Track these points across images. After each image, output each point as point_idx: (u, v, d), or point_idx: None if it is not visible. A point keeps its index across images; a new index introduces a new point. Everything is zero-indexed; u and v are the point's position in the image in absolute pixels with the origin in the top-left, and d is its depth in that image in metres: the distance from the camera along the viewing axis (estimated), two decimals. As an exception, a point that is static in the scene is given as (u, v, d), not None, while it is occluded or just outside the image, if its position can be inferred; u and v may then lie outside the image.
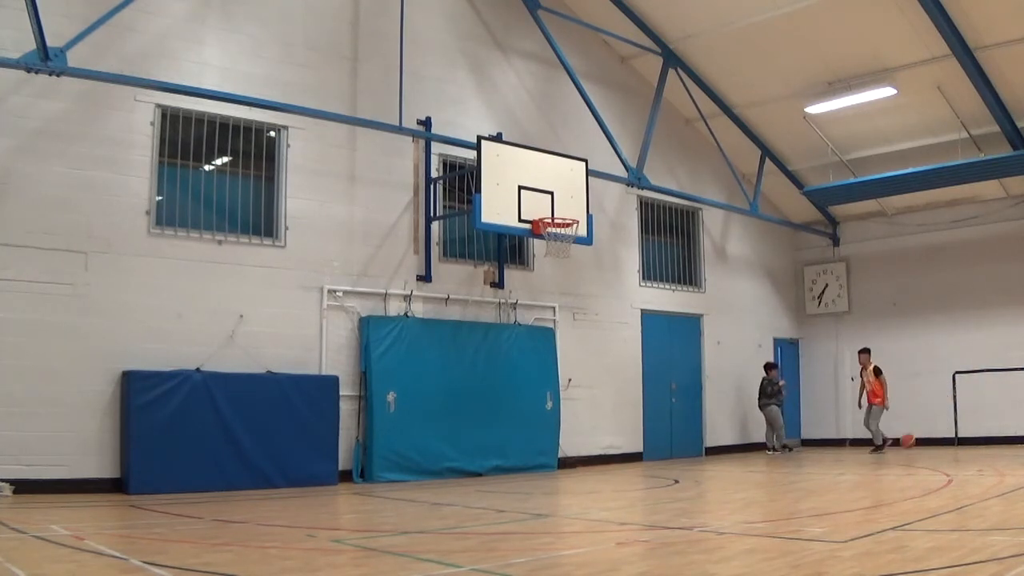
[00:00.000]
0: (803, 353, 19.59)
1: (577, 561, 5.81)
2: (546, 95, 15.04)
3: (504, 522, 7.77)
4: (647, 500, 10.24)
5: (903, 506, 8.14)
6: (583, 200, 12.66)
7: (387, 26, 12.74)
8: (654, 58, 15.63)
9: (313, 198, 12.03)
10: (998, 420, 16.07)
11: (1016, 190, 16.66)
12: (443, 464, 12.46)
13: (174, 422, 10.14)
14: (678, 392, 16.64)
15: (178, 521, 7.85)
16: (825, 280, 19.26)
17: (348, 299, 12.21)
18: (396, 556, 5.95)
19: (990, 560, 5.05)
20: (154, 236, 10.66)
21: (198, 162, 11.30)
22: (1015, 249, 16.65)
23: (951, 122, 15.25)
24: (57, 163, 10.01)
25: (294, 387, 11.22)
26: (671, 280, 17.02)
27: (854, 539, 6.09)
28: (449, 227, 13.64)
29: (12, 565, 5.26)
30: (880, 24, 13.91)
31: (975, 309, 16.75)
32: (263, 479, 10.71)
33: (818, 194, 17.46)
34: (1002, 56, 13.80)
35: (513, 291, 14.05)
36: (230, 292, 11.11)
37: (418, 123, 13.05)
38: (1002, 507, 7.77)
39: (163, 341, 10.48)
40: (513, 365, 13.53)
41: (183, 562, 5.54)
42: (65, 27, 9.49)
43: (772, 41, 14.86)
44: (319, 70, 12.25)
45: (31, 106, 9.86)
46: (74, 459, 9.78)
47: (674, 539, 6.65)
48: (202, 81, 10.89)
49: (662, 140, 15.97)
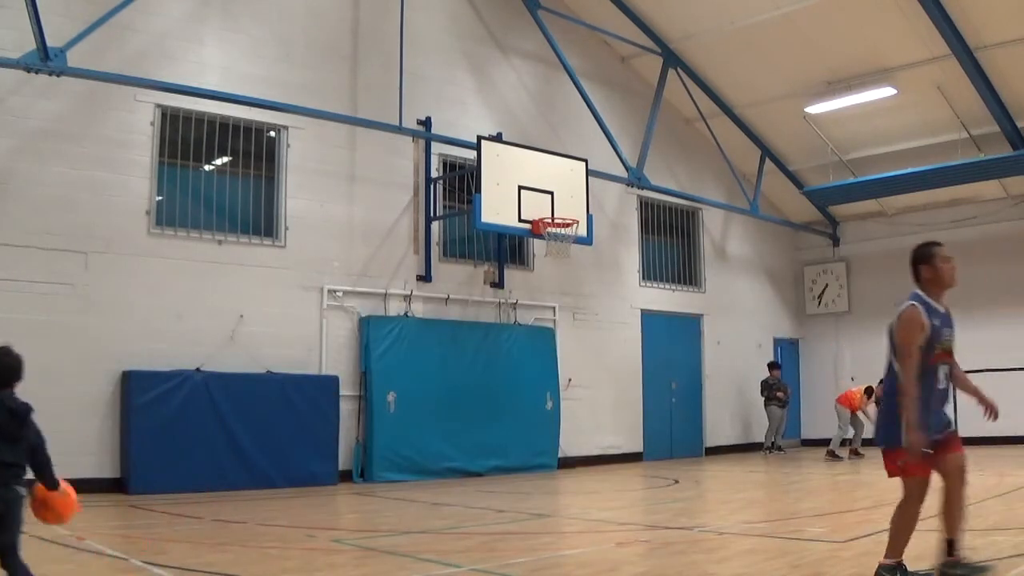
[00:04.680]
0: (803, 353, 19.59)
1: (577, 561, 5.81)
2: (546, 95, 15.03)
3: (504, 522, 7.77)
4: (647, 500, 10.24)
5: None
6: (583, 200, 12.66)
7: (387, 26, 12.74)
8: (654, 58, 15.62)
9: (313, 198, 12.03)
10: (998, 420, 16.03)
11: (1016, 190, 16.65)
12: (443, 464, 12.45)
13: (174, 422, 10.13)
14: (678, 392, 16.63)
15: (178, 521, 7.85)
16: (825, 280, 19.26)
17: (348, 299, 12.20)
18: (396, 556, 5.95)
19: (990, 560, 5.05)
20: (154, 236, 10.66)
21: (198, 162, 11.30)
22: (1015, 249, 16.64)
23: (951, 122, 15.24)
24: (57, 163, 10.00)
25: (294, 387, 11.21)
26: (671, 280, 17.02)
27: (854, 539, 6.09)
28: (449, 227, 13.64)
29: (12, 565, 5.25)
30: (880, 24, 13.90)
31: (975, 309, 16.70)
32: (263, 479, 10.70)
33: (818, 194, 17.46)
34: (1002, 56, 13.80)
35: (513, 291, 14.05)
36: (230, 292, 11.10)
37: (418, 123, 13.04)
38: (1002, 507, 7.77)
39: (163, 341, 10.47)
40: (513, 365, 13.52)
41: (183, 562, 5.54)
42: (65, 27, 9.48)
43: (772, 41, 14.85)
44: (319, 70, 12.25)
45: (31, 106, 9.86)
46: (74, 459, 9.70)
47: (674, 539, 6.65)
48: (202, 81, 10.88)
49: (662, 140, 15.96)
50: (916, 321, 4.49)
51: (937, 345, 4.53)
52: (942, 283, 4.67)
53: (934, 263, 4.67)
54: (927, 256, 4.70)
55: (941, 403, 4.68)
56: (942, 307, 4.65)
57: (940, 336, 4.54)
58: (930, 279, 4.68)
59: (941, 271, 4.66)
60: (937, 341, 4.53)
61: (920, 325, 4.48)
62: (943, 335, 4.56)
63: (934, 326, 4.52)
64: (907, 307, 4.56)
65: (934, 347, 4.52)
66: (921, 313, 4.51)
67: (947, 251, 4.71)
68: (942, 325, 4.58)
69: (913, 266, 4.76)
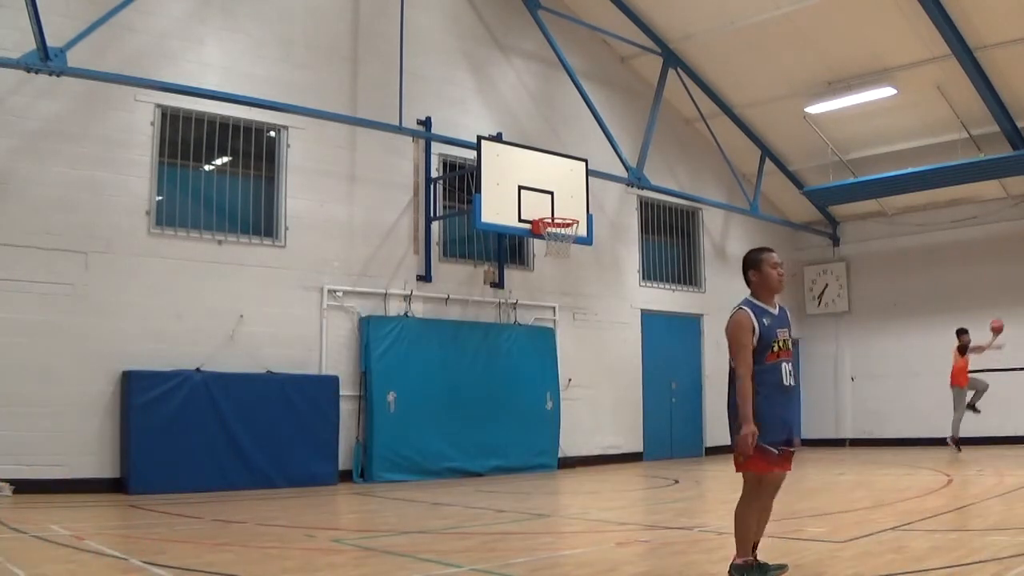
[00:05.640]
0: (803, 353, 19.56)
1: (577, 561, 5.81)
2: (546, 95, 15.03)
3: (504, 522, 7.77)
4: (647, 500, 10.24)
5: (903, 506, 8.14)
6: (583, 200, 12.66)
7: (387, 26, 12.74)
8: (654, 58, 15.62)
9: (313, 198, 12.03)
10: (998, 420, 16.05)
11: (1016, 190, 16.65)
12: (443, 464, 12.45)
13: (174, 422, 10.13)
14: (678, 392, 16.64)
15: (178, 521, 7.85)
16: (825, 280, 19.25)
17: (348, 299, 12.20)
18: (396, 556, 5.95)
19: (990, 560, 5.06)
20: (154, 236, 10.66)
21: (198, 162, 11.30)
22: (1015, 249, 16.64)
23: (951, 122, 15.24)
24: (57, 163, 10.00)
25: (294, 387, 11.21)
26: (671, 280, 17.02)
27: (854, 539, 6.09)
28: (449, 227, 13.64)
29: (12, 565, 5.26)
30: (880, 24, 13.91)
31: (975, 309, 16.71)
32: (263, 479, 10.70)
33: (818, 194, 17.46)
34: (1002, 56, 13.80)
35: (513, 291, 14.05)
36: (230, 292, 11.10)
37: (418, 123, 13.04)
38: (1002, 507, 7.77)
39: (163, 341, 10.47)
40: (513, 365, 13.52)
41: (183, 562, 5.54)
42: (65, 27, 9.48)
43: (772, 41, 14.85)
44: (319, 70, 12.25)
45: (31, 106, 9.86)
46: (74, 459, 9.77)
47: (674, 539, 6.65)
48: (202, 81, 10.88)
49: (662, 140, 15.96)
50: (745, 323, 4.72)
51: (774, 343, 4.75)
52: (771, 288, 4.87)
53: (762, 268, 4.87)
54: (756, 262, 4.90)
55: (788, 402, 4.87)
56: (774, 308, 4.87)
57: (774, 335, 4.76)
58: (758, 283, 4.89)
59: (769, 276, 4.86)
60: (772, 340, 4.75)
61: (750, 327, 4.71)
62: (776, 334, 4.78)
63: (764, 325, 4.73)
64: (736, 311, 4.81)
65: (771, 345, 4.74)
66: (750, 316, 4.74)
67: (776, 257, 4.92)
68: (775, 325, 4.79)
69: (744, 272, 4.97)
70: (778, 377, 4.77)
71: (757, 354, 4.72)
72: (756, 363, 4.72)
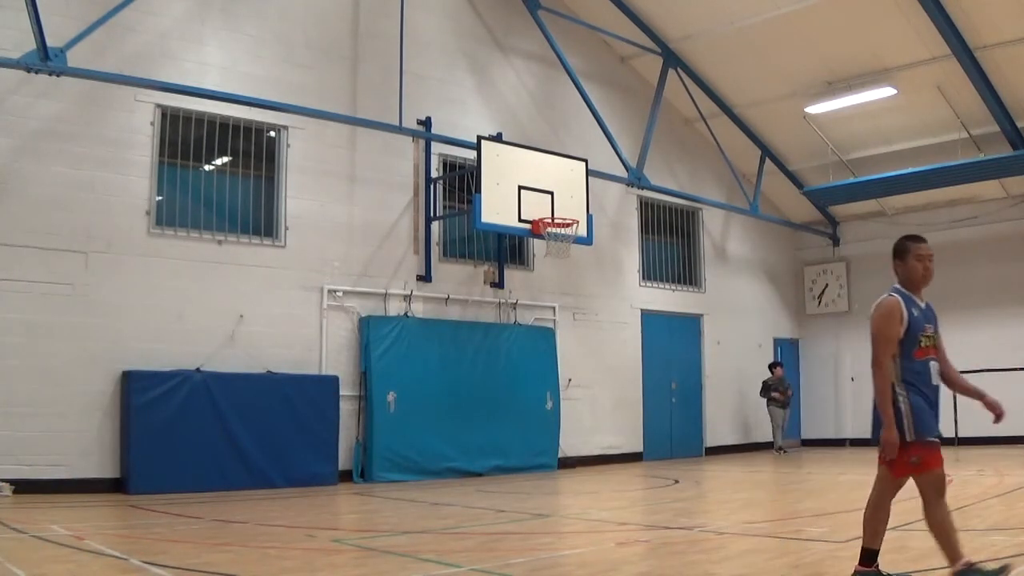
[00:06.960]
0: (803, 353, 19.58)
1: (577, 561, 5.81)
2: (546, 95, 15.03)
3: (504, 522, 7.77)
4: (647, 500, 10.24)
5: (903, 506, 8.09)
6: (583, 200, 12.66)
7: (387, 26, 12.74)
8: (654, 58, 15.63)
9: (313, 198, 12.03)
10: (1002, 421, 16.03)
11: (1016, 190, 16.65)
12: (443, 464, 12.45)
13: (174, 422, 10.13)
14: (678, 392, 16.63)
15: (178, 521, 7.85)
16: (825, 280, 19.26)
17: (348, 299, 12.20)
18: (396, 556, 5.95)
19: (990, 560, 5.05)
20: (154, 236, 10.66)
21: (198, 162, 11.30)
22: (1015, 249, 16.64)
23: (951, 122, 15.24)
24: (57, 163, 10.00)
25: (294, 387, 11.21)
26: (671, 280, 17.02)
27: (854, 539, 6.08)
28: (449, 227, 13.64)
29: (12, 565, 5.26)
30: (880, 24, 13.90)
31: (975, 309, 16.73)
32: (263, 479, 10.70)
33: (818, 194, 17.46)
34: (1002, 56, 13.80)
35: (513, 291, 14.05)
36: (230, 292, 11.10)
37: (418, 123, 13.04)
38: (1002, 507, 7.78)
39: (163, 341, 10.47)
40: (513, 365, 13.52)
41: (183, 562, 5.54)
42: (65, 27, 9.48)
43: (772, 41, 14.85)
44: (319, 70, 12.25)
45: (31, 106, 9.86)
46: (74, 459, 9.77)
47: (674, 539, 6.65)
48: (202, 81, 10.88)
49: (662, 140, 15.96)
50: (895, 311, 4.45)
51: (922, 337, 4.48)
52: (914, 282, 4.61)
53: (907, 260, 4.62)
54: (902, 251, 4.65)
55: (937, 402, 4.63)
56: (922, 302, 4.61)
57: (921, 328, 4.49)
58: (902, 274, 4.64)
59: (913, 269, 4.60)
60: (919, 333, 4.48)
61: (899, 316, 4.44)
62: (924, 328, 4.51)
63: (912, 316, 4.48)
64: (885, 297, 4.54)
65: (918, 340, 4.47)
66: (900, 303, 4.48)
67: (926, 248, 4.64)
68: (922, 319, 4.53)
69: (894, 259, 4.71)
70: (927, 376, 4.50)
71: (904, 348, 4.44)
72: (904, 358, 4.45)
